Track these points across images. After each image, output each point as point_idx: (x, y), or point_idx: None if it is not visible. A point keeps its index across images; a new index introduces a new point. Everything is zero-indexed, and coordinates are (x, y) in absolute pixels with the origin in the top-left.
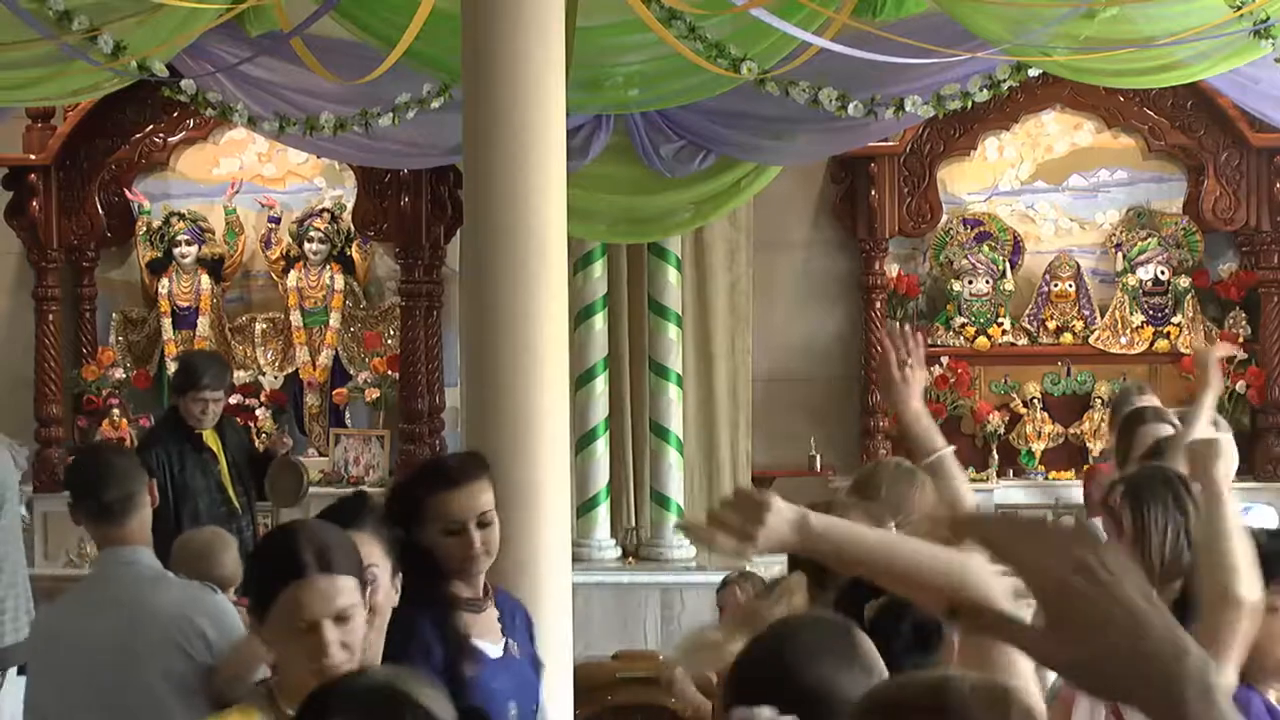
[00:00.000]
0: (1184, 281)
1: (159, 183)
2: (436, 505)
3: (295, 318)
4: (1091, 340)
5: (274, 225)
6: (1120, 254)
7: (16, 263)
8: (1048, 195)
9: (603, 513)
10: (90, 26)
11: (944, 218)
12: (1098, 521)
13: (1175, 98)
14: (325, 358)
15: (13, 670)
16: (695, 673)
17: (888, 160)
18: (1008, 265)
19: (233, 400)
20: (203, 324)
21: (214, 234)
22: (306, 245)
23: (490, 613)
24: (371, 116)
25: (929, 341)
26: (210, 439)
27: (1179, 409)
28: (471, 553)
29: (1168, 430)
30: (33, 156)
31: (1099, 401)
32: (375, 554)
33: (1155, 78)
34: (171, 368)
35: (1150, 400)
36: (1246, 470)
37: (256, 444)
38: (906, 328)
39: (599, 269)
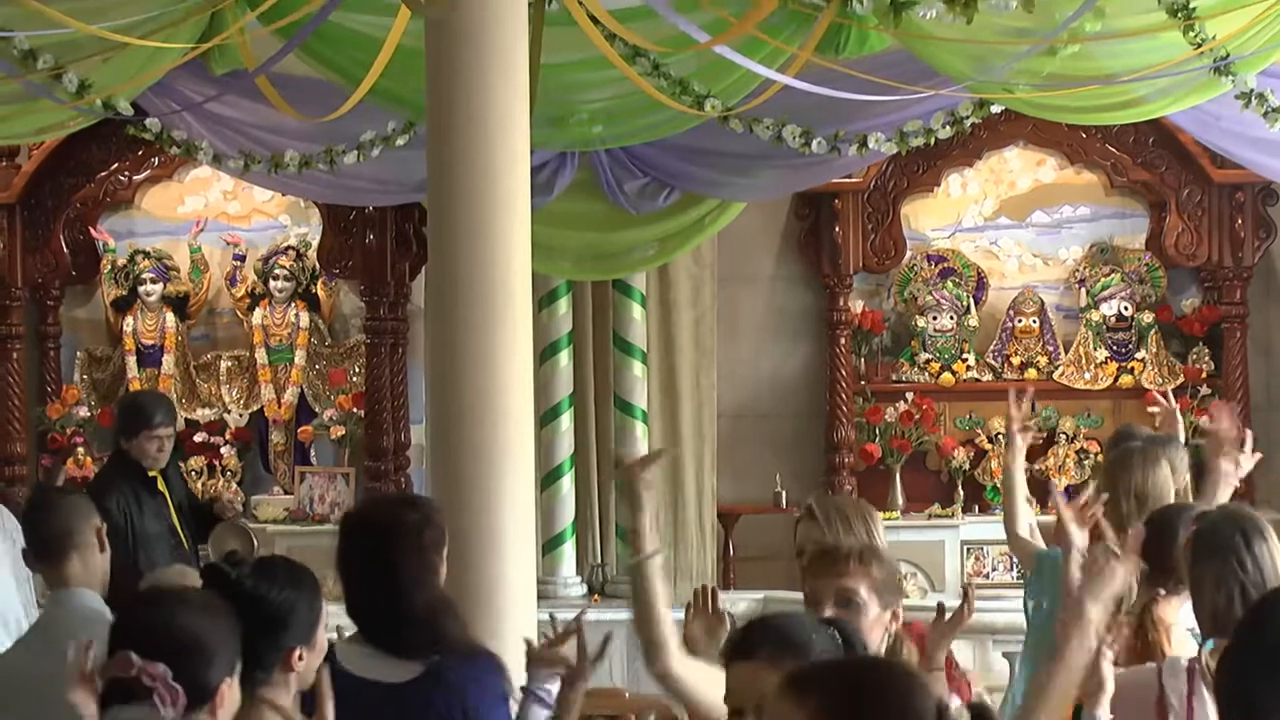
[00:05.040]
0: (1147, 317)
1: (124, 220)
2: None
3: (260, 355)
4: (1056, 376)
5: (239, 263)
6: (1084, 290)
7: None
8: (1011, 231)
9: (568, 549)
10: (55, 65)
11: (908, 254)
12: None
13: (1137, 134)
14: (290, 395)
15: None
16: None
17: (852, 196)
18: (972, 301)
19: (198, 438)
20: (168, 362)
21: (179, 272)
22: (272, 283)
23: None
24: (337, 154)
25: (893, 377)
26: (161, 483)
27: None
28: None
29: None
30: None
31: (1063, 437)
32: None
33: (1117, 114)
34: None
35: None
36: None
37: (193, 487)
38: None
39: (564, 305)
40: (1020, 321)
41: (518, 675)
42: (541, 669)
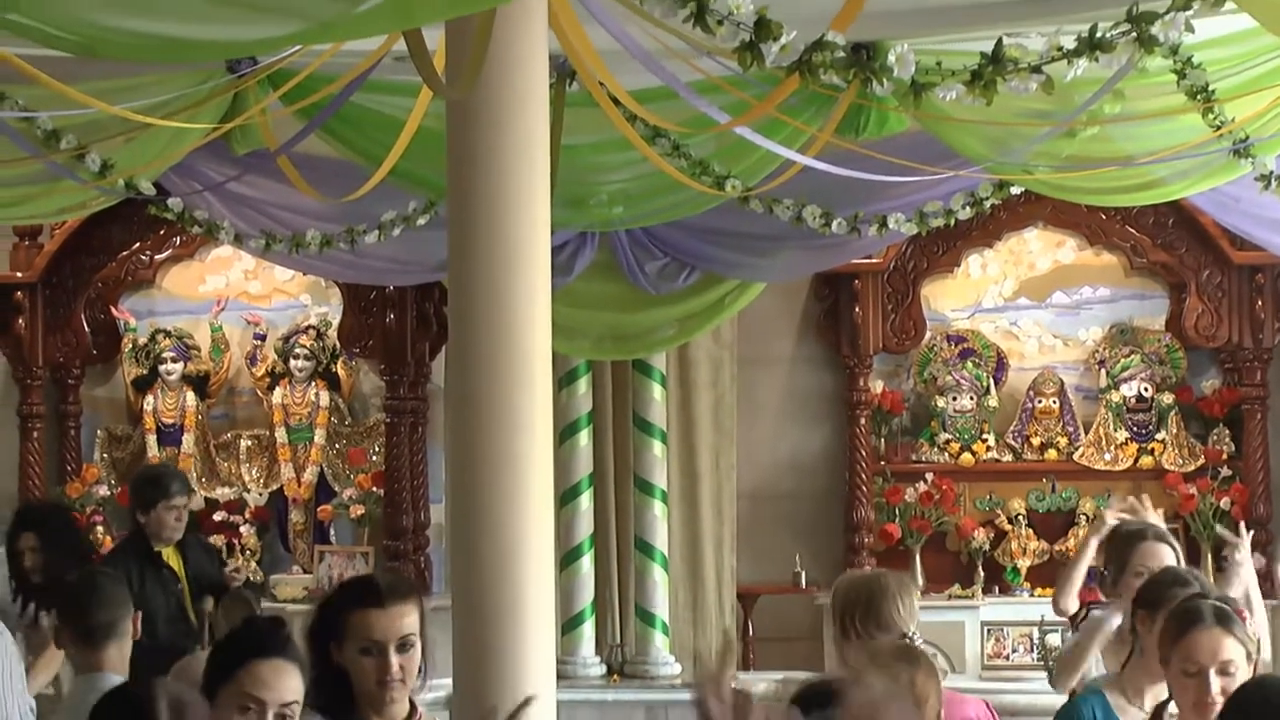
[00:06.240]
0: (1167, 398)
1: (145, 300)
2: (358, 622)
3: (280, 434)
4: (1076, 457)
5: (259, 342)
6: (1104, 371)
7: (1, 380)
8: (1031, 312)
9: (587, 629)
10: (78, 145)
11: (928, 334)
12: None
13: (1157, 216)
14: (310, 474)
15: None
16: None
17: (871, 277)
18: (991, 382)
19: (217, 517)
20: (187, 441)
21: (199, 351)
22: (292, 362)
23: None
24: (357, 234)
25: (913, 458)
26: (171, 557)
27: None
28: (387, 677)
29: (1168, 553)
30: (19, 274)
31: (1084, 518)
32: (298, 686)
33: (1136, 196)
34: None
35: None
36: None
37: (227, 567)
38: None
39: (583, 385)
40: (1040, 402)
41: None
42: None
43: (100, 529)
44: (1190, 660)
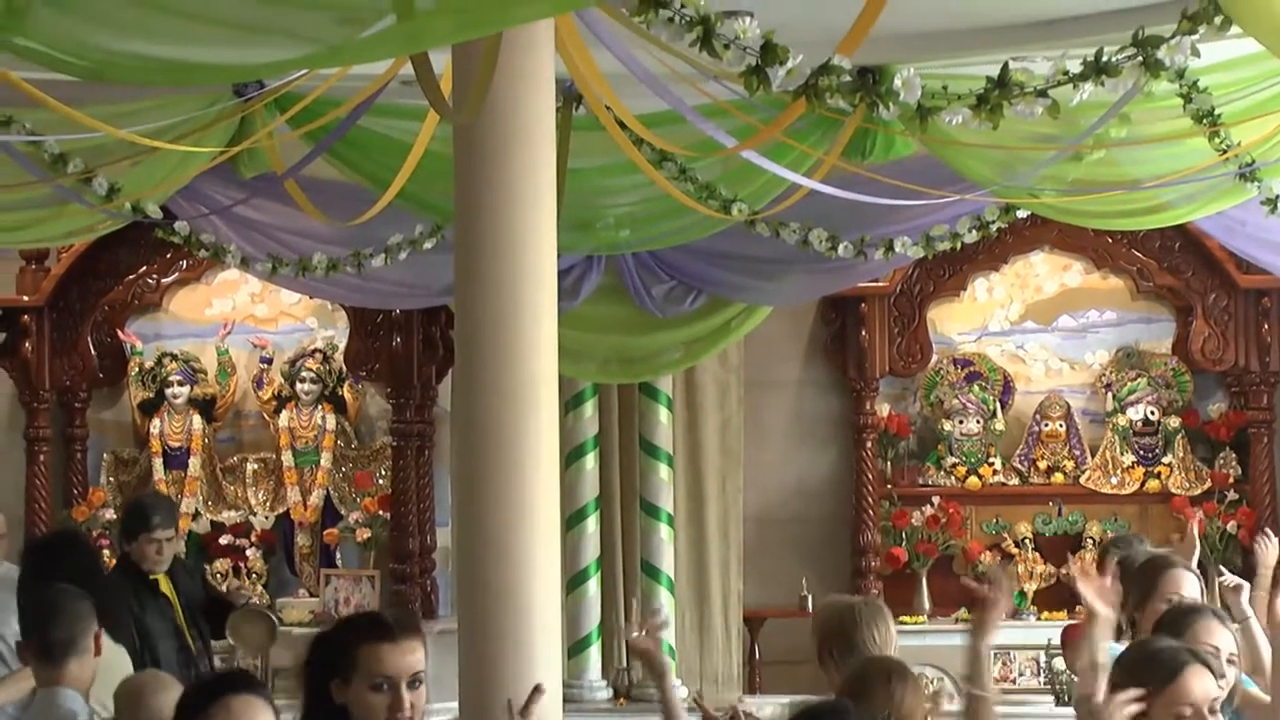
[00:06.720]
0: (1174, 422)
1: (151, 323)
2: (368, 657)
3: (287, 458)
4: (1082, 480)
5: (266, 365)
6: (1110, 394)
7: (8, 403)
8: (1037, 335)
9: (594, 653)
10: (85, 169)
11: (934, 358)
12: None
13: (1163, 239)
14: (316, 498)
15: None
16: None
17: (878, 300)
18: (998, 405)
19: (223, 540)
20: (194, 464)
21: (206, 374)
22: (298, 385)
23: None
24: (364, 257)
25: (919, 481)
26: (164, 584)
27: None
28: (399, 714)
29: (1193, 581)
30: (26, 298)
31: (1091, 541)
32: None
33: (1143, 219)
34: None
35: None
36: None
37: (216, 586)
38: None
39: (590, 409)
40: (1046, 425)
41: None
42: None
43: (106, 552)
44: (1184, 704)
